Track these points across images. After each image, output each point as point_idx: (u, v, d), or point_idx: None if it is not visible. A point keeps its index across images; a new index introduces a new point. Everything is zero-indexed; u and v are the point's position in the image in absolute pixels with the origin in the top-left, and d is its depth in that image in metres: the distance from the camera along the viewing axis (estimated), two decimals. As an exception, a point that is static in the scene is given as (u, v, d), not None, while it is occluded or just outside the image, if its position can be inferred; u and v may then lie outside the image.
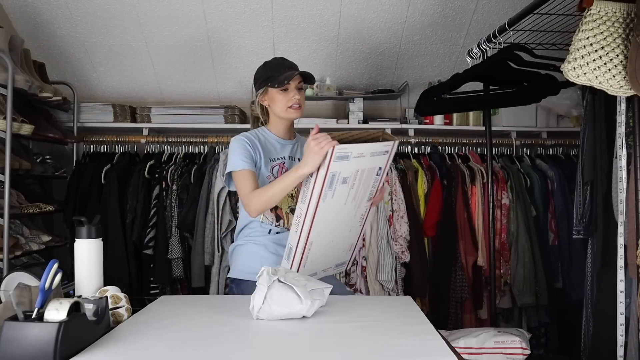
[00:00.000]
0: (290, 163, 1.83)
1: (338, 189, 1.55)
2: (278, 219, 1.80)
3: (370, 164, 1.60)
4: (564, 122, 3.31)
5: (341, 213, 1.65)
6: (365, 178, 1.62)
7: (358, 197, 1.66)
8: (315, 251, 1.65)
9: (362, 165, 1.57)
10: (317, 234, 1.61)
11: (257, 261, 1.73)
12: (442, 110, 3.05)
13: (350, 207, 1.66)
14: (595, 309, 2.27)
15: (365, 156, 1.55)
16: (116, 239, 2.85)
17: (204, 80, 3.38)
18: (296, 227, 1.59)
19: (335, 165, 1.48)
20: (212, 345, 1.14)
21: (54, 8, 2.92)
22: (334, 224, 1.67)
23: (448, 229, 2.92)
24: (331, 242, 1.72)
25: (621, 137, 1.88)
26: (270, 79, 1.78)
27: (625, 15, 1.67)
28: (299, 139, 1.92)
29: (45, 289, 1.07)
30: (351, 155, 1.50)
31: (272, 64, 1.82)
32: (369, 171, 1.61)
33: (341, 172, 1.52)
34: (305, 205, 1.55)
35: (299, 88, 1.81)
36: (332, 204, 1.58)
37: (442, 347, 1.12)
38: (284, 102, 1.78)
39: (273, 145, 1.84)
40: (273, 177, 1.78)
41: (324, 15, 3.00)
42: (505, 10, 2.95)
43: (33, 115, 2.69)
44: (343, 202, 1.62)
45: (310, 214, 1.54)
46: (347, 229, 1.74)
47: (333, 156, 1.46)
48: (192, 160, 3.14)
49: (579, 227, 2.38)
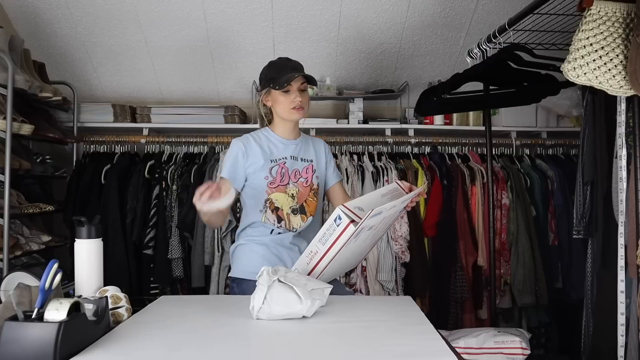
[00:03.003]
0: (292, 163, 1.83)
1: (362, 235, 1.53)
2: (280, 220, 1.80)
3: (399, 208, 1.60)
4: (564, 122, 3.31)
5: (358, 247, 1.62)
6: (389, 218, 1.62)
7: (378, 232, 1.66)
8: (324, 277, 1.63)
9: (392, 212, 1.57)
10: (330, 267, 1.59)
11: (258, 261, 1.73)
12: (442, 110, 3.05)
13: (368, 240, 1.65)
14: (596, 309, 2.27)
15: (396, 206, 1.56)
16: (116, 239, 2.85)
17: (204, 80, 3.37)
18: (308, 260, 1.55)
19: (367, 222, 1.46)
20: (212, 345, 1.14)
21: (54, 8, 2.92)
22: (349, 257, 1.65)
23: (448, 229, 2.92)
24: (341, 267, 1.74)
25: (621, 137, 1.88)
26: (272, 80, 1.78)
27: (625, 15, 1.67)
28: (304, 139, 1.92)
29: (45, 289, 1.07)
30: (385, 210, 1.49)
31: (276, 65, 1.82)
32: (395, 213, 1.62)
33: (370, 224, 1.50)
34: (324, 247, 1.50)
35: (302, 90, 1.80)
36: (352, 246, 1.55)
37: (442, 347, 1.12)
38: (286, 104, 1.79)
39: (275, 145, 1.84)
40: (271, 178, 1.78)
41: (324, 15, 3.00)
42: (505, 10, 2.95)
43: (33, 115, 2.69)
44: (362, 241, 1.59)
45: (328, 258, 1.52)
46: (358, 254, 1.74)
47: (365, 221, 1.44)
48: (192, 160, 3.14)
49: (579, 227, 2.38)
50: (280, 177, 1.80)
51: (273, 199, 1.79)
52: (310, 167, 1.86)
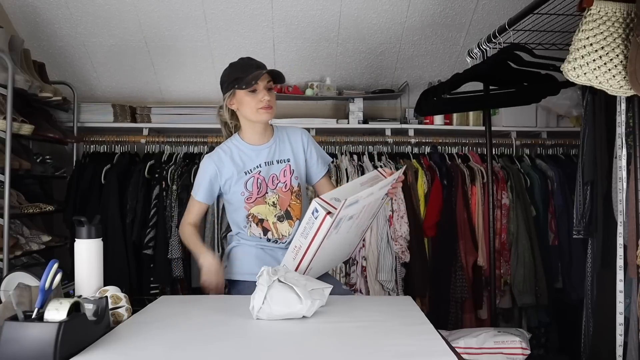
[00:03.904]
0: (267, 169, 1.75)
1: (344, 226, 1.53)
2: (265, 232, 1.76)
3: (377, 195, 1.58)
4: (564, 122, 3.31)
5: (343, 238, 1.62)
6: (371, 207, 1.61)
7: (362, 222, 1.64)
8: (313, 271, 1.64)
9: (370, 199, 1.55)
10: (317, 261, 1.59)
11: (252, 262, 1.73)
12: (442, 110, 3.05)
13: (353, 231, 1.64)
14: (596, 309, 2.27)
15: (374, 193, 1.54)
16: (116, 239, 2.84)
17: (204, 80, 3.37)
18: (294, 255, 1.55)
19: (343, 212, 1.45)
20: (212, 345, 1.14)
21: (54, 8, 2.92)
22: (335, 248, 1.65)
23: (448, 229, 2.92)
24: (330, 260, 1.73)
25: (621, 137, 1.88)
26: (237, 80, 1.69)
27: (625, 15, 1.67)
28: (277, 137, 1.81)
29: (45, 289, 1.07)
30: (361, 198, 1.48)
31: (239, 65, 1.74)
32: (375, 201, 1.60)
33: (349, 214, 1.49)
34: (306, 241, 1.51)
35: (269, 88, 1.71)
36: (335, 237, 1.55)
37: (442, 347, 1.12)
38: (253, 104, 1.69)
39: (247, 155, 1.75)
40: (247, 193, 1.72)
41: (324, 15, 3.00)
42: (505, 10, 2.95)
43: (33, 115, 2.69)
44: (346, 231, 1.59)
45: (312, 250, 1.52)
46: (346, 245, 1.74)
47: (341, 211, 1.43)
48: (192, 160, 3.14)
49: (579, 227, 2.38)
50: (257, 189, 1.73)
51: (254, 212, 1.74)
52: (287, 168, 1.78)
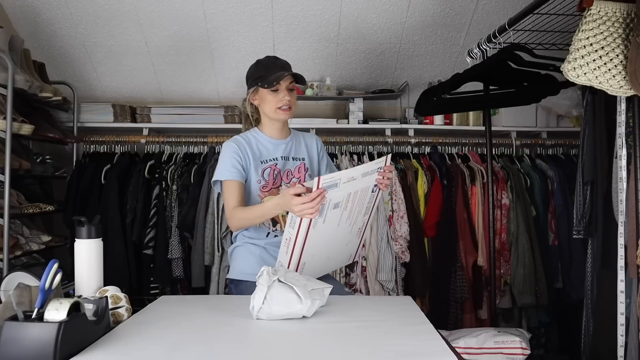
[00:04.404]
0: (283, 163, 1.81)
1: (329, 215, 1.52)
2: (275, 224, 1.78)
3: (363, 184, 1.56)
4: (564, 122, 3.31)
5: (335, 233, 1.62)
6: (359, 198, 1.59)
7: (353, 216, 1.63)
8: (309, 268, 1.63)
9: (355, 187, 1.54)
10: (310, 255, 1.59)
11: (255, 262, 1.73)
12: (442, 110, 3.05)
13: (345, 226, 1.63)
14: (596, 309, 2.27)
15: (356, 178, 1.52)
16: (116, 239, 2.85)
17: (204, 80, 3.38)
18: (286, 249, 1.56)
19: (326, 196, 1.44)
20: (212, 345, 1.14)
21: (54, 8, 2.92)
22: (328, 244, 1.64)
23: (448, 229, 2.92)
24: (327, 258, 1.72)
25: (621, 137, 1.88)
26: (260, 78, 1.75)
27: (625, 15, 1.67)
28: (294, 136, 1.89)
29: (45, 289, 1.07)
30: (340, 182, 1.46)
31: (264, 63, 1.79)
32: (362, 191, 1.58)
33: (331, 199, 1.48)
34: (294, 230, 1.51)
35: (290, 89, 1.77)
36: (324, 228, 1.54)
37: (442, 347, 1.12)
38: (273, 103, 1.75)
39: (265, 147, 1.81)
40: (264, 181, 1.76)
41: (324, 15, 3.00)
42: (505, 10, 2.95)
43: (33, 115, 2.69)
44: (336, 224, 1.58)
45: (301, 240, 1.52)
46: (343, 244, 1.73)
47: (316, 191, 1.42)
48: (192, 160, 3.14)
49: (579, 227, 2.38)
50: (273, 179, 1.78)
51: (267, 202, 1.74)
52: (302, 166, 1.84)
